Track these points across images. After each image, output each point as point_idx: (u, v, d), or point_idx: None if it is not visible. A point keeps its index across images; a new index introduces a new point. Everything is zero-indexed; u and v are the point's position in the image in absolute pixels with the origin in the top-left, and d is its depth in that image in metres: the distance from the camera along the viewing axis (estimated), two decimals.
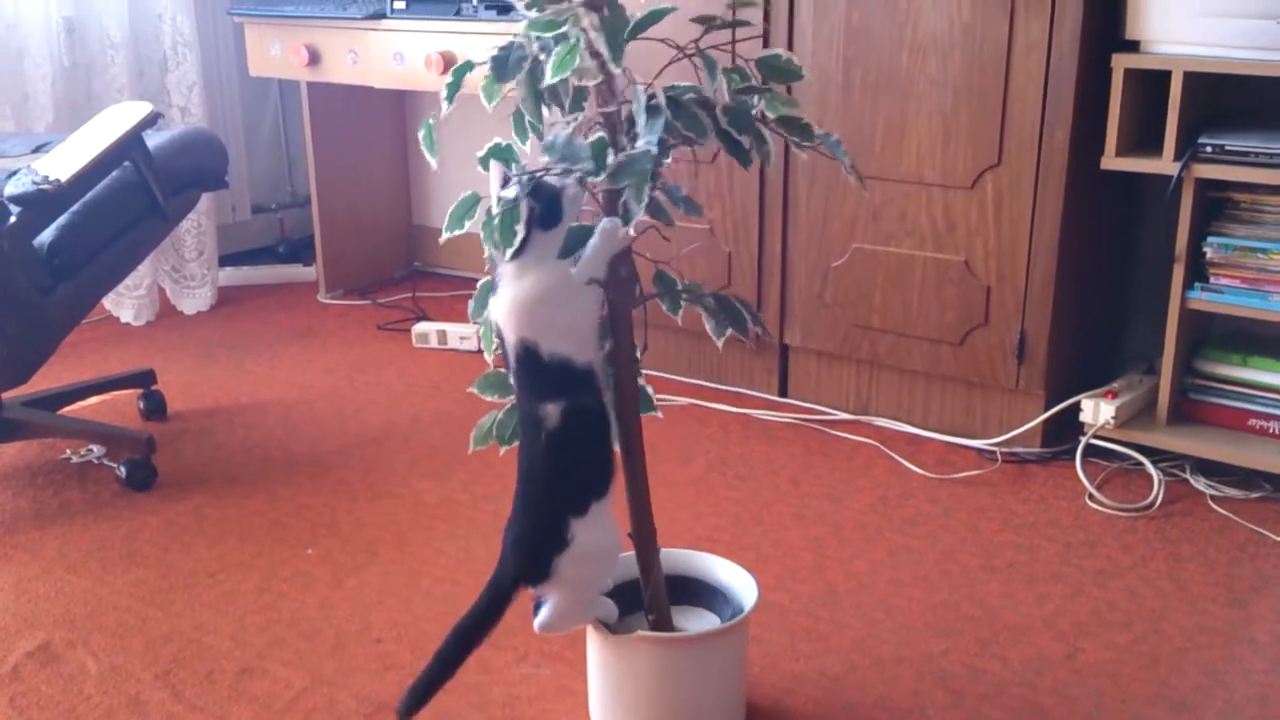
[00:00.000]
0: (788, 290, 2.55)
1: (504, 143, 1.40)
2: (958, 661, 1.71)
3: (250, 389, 2.79)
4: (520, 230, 1.33)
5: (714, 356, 2.73)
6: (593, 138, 1.36)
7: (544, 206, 1.34)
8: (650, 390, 1.54)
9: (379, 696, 1.64)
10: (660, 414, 1.56)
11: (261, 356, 3.00)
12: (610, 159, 1.34)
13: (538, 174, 1.35)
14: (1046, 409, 2.34)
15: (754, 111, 1.38)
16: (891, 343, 2.45)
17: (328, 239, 3.46)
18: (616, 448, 1.49)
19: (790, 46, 2.39)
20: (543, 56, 1.34)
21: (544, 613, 1.47)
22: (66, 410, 2.53)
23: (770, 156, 1.41)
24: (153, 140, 2.29)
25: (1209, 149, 2.08)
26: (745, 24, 1.39)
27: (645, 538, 1.53)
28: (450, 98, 1.41)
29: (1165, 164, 2.12)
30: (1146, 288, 2.48)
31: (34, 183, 2.03)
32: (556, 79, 1.32)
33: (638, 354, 1.51)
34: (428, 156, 1.43)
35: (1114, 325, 2.58)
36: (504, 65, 1.36)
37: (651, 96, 1.33)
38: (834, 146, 1.40)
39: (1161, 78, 2.10)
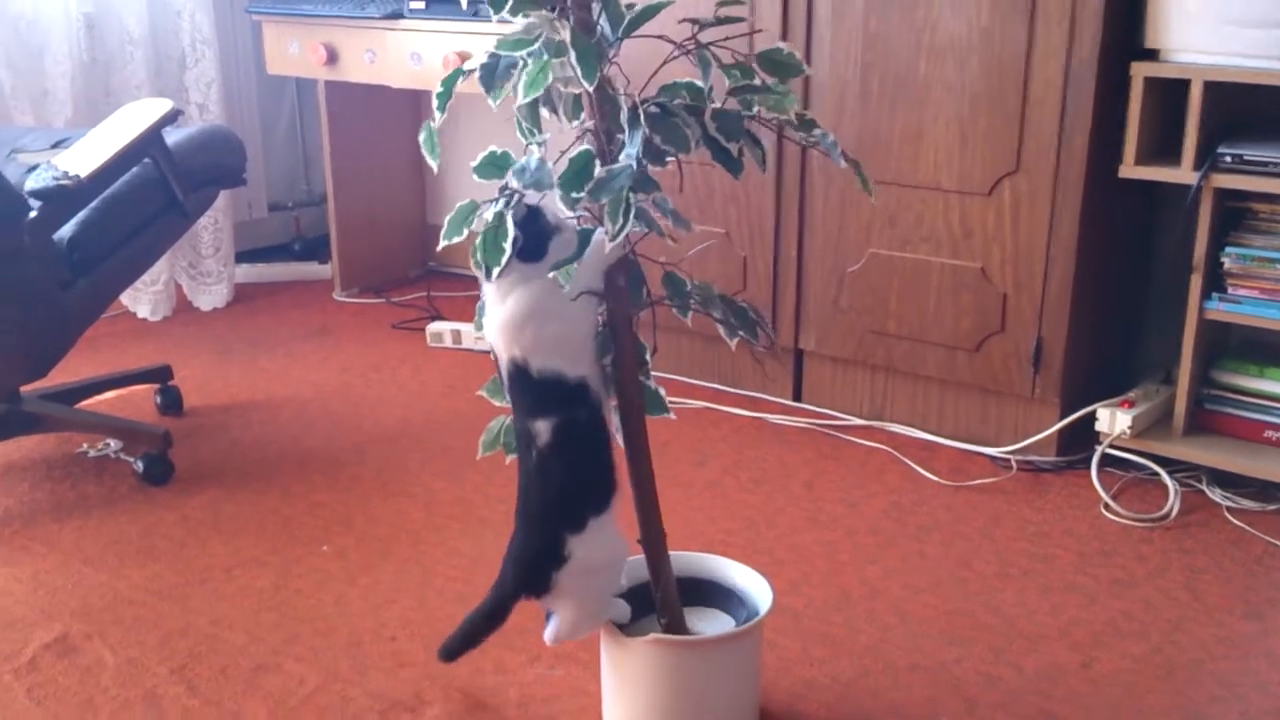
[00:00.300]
0: (803, 295, 2.55)
1: (499, 150, 1.39)
2: (971, 669, 1.71)
3: (266, 386, 2.79)
4: (506, 248, 1.33)
5: (728, 360, 2.73)
6: (576, 150, 1.34)
7: (530, 240, 1.34)
8: (662, 392, 1.53)
9: (393, 693, 1.65)
10: (673, 415, 1.55)
11: (277, 353, 3.01)
12: (598, 170, 1.32)
13: (525, 198, 1.33)
14: (1062, 417, 2.33)
15: (755, 111, 1.36)
16: (906, 349, 2.45)
17: (343, 237, 3.47)
18: (620, 457, 1.48)
19: (808, 51, 2.40)
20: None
21: (552, 625, 1.49)
22: (84, 404, 2.54)
23: (765, 159, 1.39)
24: (172, 137, 2.30)
25: (1228, 159, 2.08)
26: (739, 20, 1.37)
27: (654, 543, 1.53)
28: (442, 107, 1.39)
29: (1184, 173, 2.11)
30: (1164, 297, 2.47)
31: (54, 178, 2.04)
32: (526, 100, 1.30)
33: (647, 356, 1.51)
34: (429, 160, 1.42)
35: (1131, 334, 2.58)
36: (492, 74, 1.34)
37: (633, 107, 1.31)
38: (831, 147, 1.39)
39: (1181, 86, 2.10)
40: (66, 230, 2.12)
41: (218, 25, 3.32)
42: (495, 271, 1.35)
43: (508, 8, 1.32)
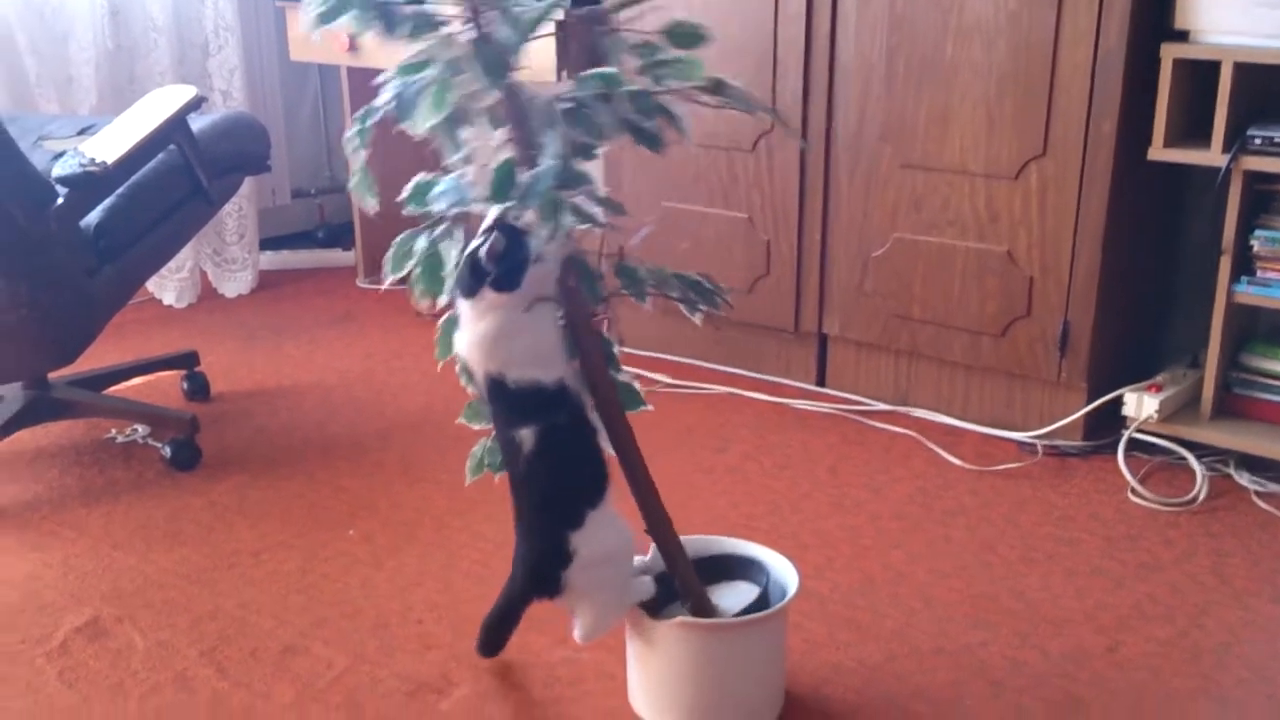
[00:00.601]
0: (827, 279, 2.55)
1: (425, 179, 1.38)
2: (997, 653, 1.71)
3: (290, 372, 2.81)
4: (445, 278, 1.32)
5: (751, 345, 2.73)
6: (498, 161, 1.33)
7: (504, 271, 1.33)
8: (636, 386, 1.53)
9: (420, 675, 1.66)
10: (651, 407, 1.54)
11: (301, 340, 3.02)
12: (523, 177, 1.31)
13: (504, 227, 1.32)
14: (1089, 402, 2.32)
15: (668, 84, 1.34)
16: (932, 333, 2.44)
17: (367, 224, 3.47)
18: (610, 451, 1.49)
19: (833, 34, 2.38)
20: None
21: (578, 626, 1.51)
22: (111, 390, 2.56)
23: (686, 127, 1.37)
24: (196, 124, 2.31)
25: (1258, 141, 2.05)
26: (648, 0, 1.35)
27: (662, 530, 1.53)
28: (362, 144, 1.38)
29: (1213, 156, 2.09)
30: (1192, 280, 2.45)
31: (81, 164, 2.05)
32: (430, 123, 1.29)
33: (615, 350, 1.50)
34: (363, 202, 1.42)
35: (1158, 318, 2.56)
36: (403, 102, 1.32)
37: (544, 107, 1.30)
38: (743, 101, 1.38)
39: (1211, 68, 2.07)
40: (93, 217, 2.14)
41: (241, 12, 3.33)
42: (458, 292, 1.35)
43: (403, 33, 1.29)
